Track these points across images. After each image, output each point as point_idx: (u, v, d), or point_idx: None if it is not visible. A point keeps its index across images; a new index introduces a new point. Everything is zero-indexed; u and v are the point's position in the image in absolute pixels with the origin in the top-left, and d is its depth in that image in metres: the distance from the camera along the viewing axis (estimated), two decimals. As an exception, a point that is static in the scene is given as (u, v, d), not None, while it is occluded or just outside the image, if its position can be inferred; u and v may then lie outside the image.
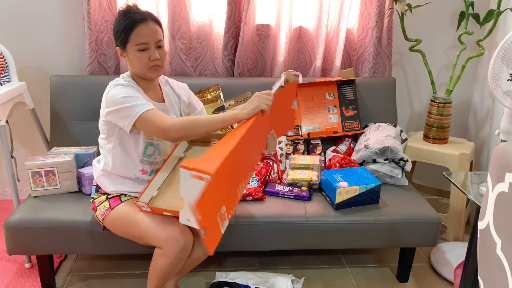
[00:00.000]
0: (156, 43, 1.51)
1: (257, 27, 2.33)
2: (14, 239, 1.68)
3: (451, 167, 2.21)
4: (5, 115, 1.89)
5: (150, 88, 1.62)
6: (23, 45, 2.29)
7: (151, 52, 1.50)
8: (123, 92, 1.48)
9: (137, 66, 1.53)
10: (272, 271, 1.98)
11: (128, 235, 1.57)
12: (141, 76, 1.56)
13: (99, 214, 1.61)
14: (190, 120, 1.45)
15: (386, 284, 1.98)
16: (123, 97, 1.46)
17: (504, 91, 1.62)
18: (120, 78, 1.58)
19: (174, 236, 1.43)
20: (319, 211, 1.81)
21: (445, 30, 2.52)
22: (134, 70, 1.56)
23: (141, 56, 1.50)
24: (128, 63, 1.56)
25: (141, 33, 1.48)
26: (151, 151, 1.60)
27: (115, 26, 1.52)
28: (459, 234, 2.28)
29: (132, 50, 1.50)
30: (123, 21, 1.49)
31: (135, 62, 1.52)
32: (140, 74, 1.55)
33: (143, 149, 1.58)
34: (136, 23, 1.47)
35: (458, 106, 2.69)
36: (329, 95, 2.27)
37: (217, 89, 2.21)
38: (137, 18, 1.48)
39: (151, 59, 1.51)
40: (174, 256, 1.44)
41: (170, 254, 1.44)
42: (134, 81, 1.58)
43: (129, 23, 1.48)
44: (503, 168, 0.88)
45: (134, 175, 1.61)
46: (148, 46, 1.50)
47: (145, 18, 1.49)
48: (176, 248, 1.43)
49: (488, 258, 0.95)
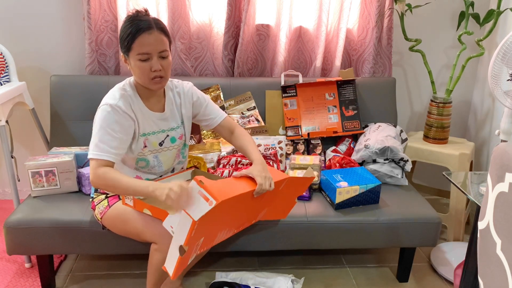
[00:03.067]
0: (159, 53, 1.46)
1: (257, 27, 2.33)
2: (14, 239, 1.68)
3: (451, 167, 2.21)
4: (5, 115, 1.89)
5: (152, 96, 1.58)
6: (23, 45, 2.29)
7: (152, 62, 1.45)
8: (106, 120, 1.46)
9: (138, 76, 1.49)
10: (272, 271, 1.98)
11: (125, 232, 1.57)
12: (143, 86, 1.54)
13: (98, 213, 1.61)
14: (113, 179, 1.40)
15: (386, 284, 1.98)
16: (103, 127, 1.45)
17: (504, 91, 1.62)
18: (120, 86, 1.54)
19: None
20: (319, 211, 1.81)
21: (445, 30, 2.52)
22: (136, 79, 1.53)
23: (143, 66, 1.45)
24: (131, 71, 1.52)
25: (143, 42, 1.43)
26: (142, 164, 1.60)
27: (121, 32, 1.48)
28: (459, 234, 2.28)
29: (134, 59, 1.46)
30: (128, 28, 1.44)
31: (137, 71, 1.48)
32: (141, 84, 1.52)
33: (135, 162, 1.59)
34: (139, 32, 1.42)
35: (458, 106, 2.69)
36: (329, 95, 2.27)
37: (217, 89, 2.21)
38: (141, 26, 1.42)
39: (153, 70, 1.46)
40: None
41: (165, 248, 1.44)
42: (136, 90, 1.55)
43: (132, 31, 1.43)
44: (503, 168, 0.88)
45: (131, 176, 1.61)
46: (150, 56, 1.45)
47: (150, 27, 1.43)
48: None
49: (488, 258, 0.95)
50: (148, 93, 1.56)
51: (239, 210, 1.41)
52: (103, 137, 1.45)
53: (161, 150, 1.61)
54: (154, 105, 1.59)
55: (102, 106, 1.49)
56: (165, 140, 1.61)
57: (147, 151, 1.58)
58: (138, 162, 1.59)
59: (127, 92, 1.53)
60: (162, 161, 1.62)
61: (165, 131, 1.61)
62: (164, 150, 1.62)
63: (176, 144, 1.66)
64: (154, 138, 1.58)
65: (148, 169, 1.61)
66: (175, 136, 1.64)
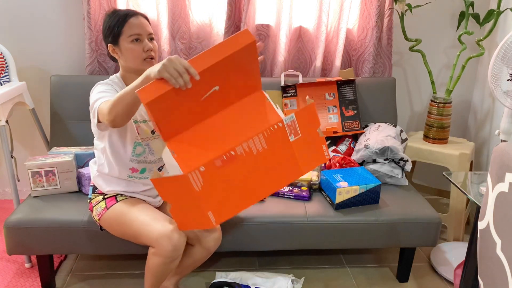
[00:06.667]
0: (148, 35, 1.54)
1: (257, 27, 2.33)
2: (14, 239, 1.68)
3: (451, 167, 2.21)
4: (5, 115, 1.89)
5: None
6: (23, 45, 2.29)
7: (144, 43, 1.53)
8: (99, 89, 1.51)
9: (131, 59, 1.53)
10: (272, 271, 1.98)
11: (123, 235, 1.57)
12: (135, 70, 1.56)
13: (95, 214, 1.61)
14: (115, 97, 1.35)
15: (386, 284, 1.98)
16: (96, 92, 1.49)
17: (504, 91, 1.63)
18: (109, 80, 1.59)
19: (166, 235, 1.44)
20: (319, 211, 1.81)
21: (445, 30, 2.52)
22: (127, 65, 1.56)
23: (135, 47, 1.52)
24: (121, 58, 1.56)
25: (133, 24, 1.52)
26: (140, 150, 1.61)
27: (106, 24, 1.55)
28: (459, 234, 2.28)
29: (125, 42, 1.52)
30: (114, 17, 1.53)
31: (129, 54, 1.53)
32: (134, 67, 1.55)
33: (132, 148, 1.59)
34: (127, 17, 1.52)
35: (458, 106, 2.69)
36: (329, 95, 2.27)
37: (217, 89, 2.21)
38: (127, 12, 1.54)
39: (145, 50, 1.53)
40: (166, 255, 1.45)
41: (162, 252, 1.44)
42: (123, 80, 1.59)
43: (121, 17, 1.52)
44: (503, 168, 0.88)
45: (126, 174, 1.61)
46: (141, 37, 1.53)
47: (135, 13, 1.55)
48: (168, 247, 1.44)
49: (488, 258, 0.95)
50: None
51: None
52: (102, 94, 1.47)
53: (153, 138, 1.63)
54: None
55: (95, 85, 1.55)
56: None
57: (140, 138, 1.60)
58: (135, 149, 1.60)
59: (116, 83, 1.58)
60: (153, 149, 1.64)
61: None
62: (156, 138, 1.64)
63: None
64: (145, 126, 1.61)
65: (144, 156, 1.62)
66: None
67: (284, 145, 1.35)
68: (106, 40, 1.57)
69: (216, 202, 1.31)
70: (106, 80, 1.58)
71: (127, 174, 1.62)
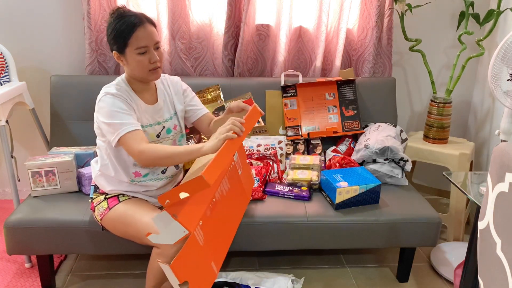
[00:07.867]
0: (154, 45, 1.51)
1: (257, 27, 2.33)
2: (14, 239, 1.68)
3: (451, 167, 2.21)
4: (5, 115, 1.89)
5: (146, 90, 1.62)
6: (23, 45, 2.29)
7: (150, 54, 1.50)
8: (113, 105, 1.48)
9: (137, 70, 1.52)
10: (272, 271, 1.98)
11: (126, 235, 1.57)
12: (140, 79, 1.56)
13: (97, 214, 1.61)
14: (159, 150, 1.43)
15: (386, 284, 1.98)
16: (113, 110, 1.47)
17: (504, 91, 1.63)
18: (114, 83, 1.57)
19: None
20: (319, 211, 1.81)
21: (445, 30, 2.52)
22: (133, 74, 1.55)
23: (141, 59, 1.50)
24: (127, 67, 1.54)
25: (140, 36, 1.47)
26: None
27: (111, 31, 1.49)
28: (459, 234, 2.28)
29: (132, 54, 1.49)
30: (120, 25, 1.47)
31: (135, 66, 1.51)
32: (140, 77, 1.55)
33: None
34: (135, 27, 1.46)
35: (458, 106, 2.69)
36: (329, 95, 2.27)
37: (217, 89, 2.21)
38: (134, 21, 1.47)
39: (152, 62, 1.50)
40: (172, 256, 1.44)
41: (167, 253, 1.44)
42: (129, 85, 1.58)
43: (128, 27, 1.46)
44: (503, 168, 0.88)
45: (129, 178, 1.61)
46: (147, 49, 1.50)
47: (142, 21, 1.48)
48: (173, 247, 1.43)
49: (488, 258, 0.95)
50: (141, 87, 1.60)
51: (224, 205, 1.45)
52: (118, 115, 1.47)
53: (158, 141, 1.64)
54: (148, 99, 1.63)
55: (103, 96, 1.51)
56: (161, 132, 1.65)
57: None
58: None
59: (123, 87, 1.56)
60: None
61: (161, 123, 1.65)
62: (161, 141, 1.65)
63: (172, 135, 1.69)
64: (151, 130, 1.62)
65: None
66: (170, 127, 1.68)
67: (238, 180, 1.57)
68: (110, 44, 1.53)
69: (213, 250, 1.40)
70: (114, 89, 1.53)
71: (130, 178, 1.61)
